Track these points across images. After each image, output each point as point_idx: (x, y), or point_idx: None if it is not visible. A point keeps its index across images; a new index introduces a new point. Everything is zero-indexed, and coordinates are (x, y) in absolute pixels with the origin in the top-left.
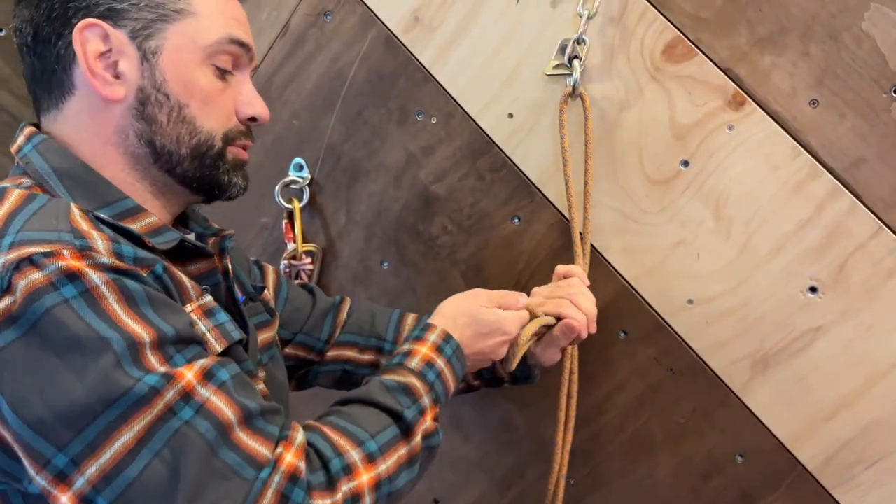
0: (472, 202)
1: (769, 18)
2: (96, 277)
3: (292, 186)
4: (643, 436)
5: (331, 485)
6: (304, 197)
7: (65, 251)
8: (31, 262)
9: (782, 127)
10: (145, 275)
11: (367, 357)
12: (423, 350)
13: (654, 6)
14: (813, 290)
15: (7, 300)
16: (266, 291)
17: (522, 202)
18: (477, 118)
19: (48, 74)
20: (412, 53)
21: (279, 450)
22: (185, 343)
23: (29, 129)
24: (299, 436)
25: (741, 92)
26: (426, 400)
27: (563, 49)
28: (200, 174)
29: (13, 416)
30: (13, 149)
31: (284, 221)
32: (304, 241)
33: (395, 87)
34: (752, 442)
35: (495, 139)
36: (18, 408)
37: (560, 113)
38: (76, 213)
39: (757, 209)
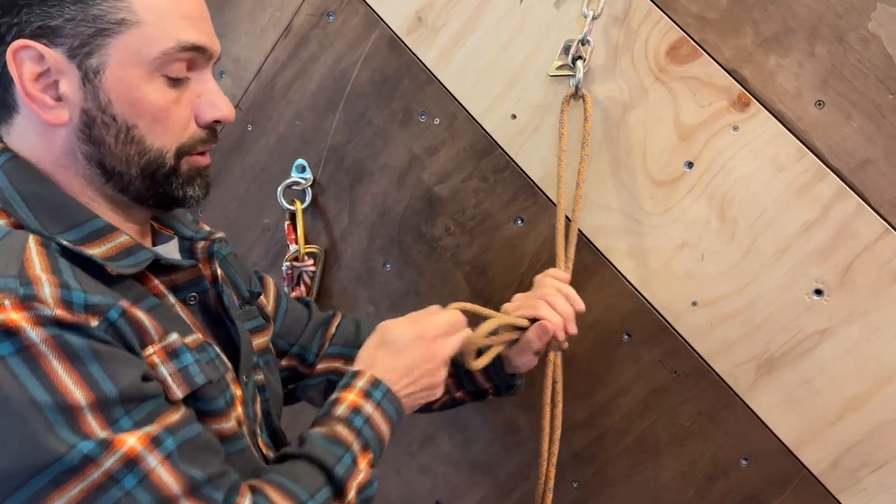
0: (475, 203)
1: (775, 19)
2: (34, 335)
3: (295, 188)
4: (648, 438)
5: None
6: (307, 198)
7: (6, 301)
8: None
9: (788, 128)
10: (96, 324)
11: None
12: (350, 397)
13: (658, 7)
14: (819, 292)
15: None
16: (262, 297)
17: (526, 203)
18: (480, 119)
19: None
20: (415, 54)
21: None
22: (134, 401)
23: None
24: (246, 501)
25: (746, 93)
26: (356, 447)
27: (566, 50)
28: (153, 192)
29: None
30: None
31: (287, 223)
32: (307, 242)
33: (398, 88)
34: (757, 445)
35: (499, 140)
36: None
37: (561, 113)
38: (32, 250)
39: (762, 211)
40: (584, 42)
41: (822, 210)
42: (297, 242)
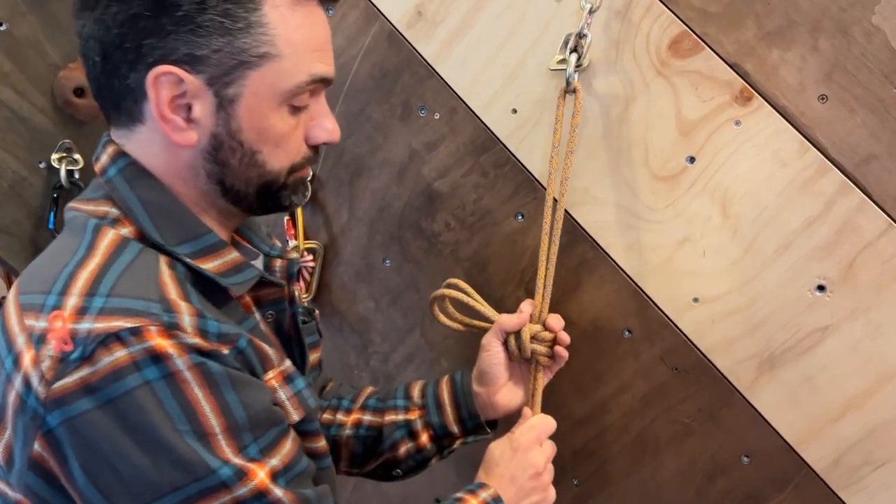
0: (475, 199)
1: (777, 12)
2: (180, 362)
3: None
4: (648, 436)
5: None
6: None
7: (152, 328)
8: (117, 338)
9: (790, 123)
10: (227, 351)
11: (324, 416)
12: (474, 502)
13: (660, 0)
14: (821, 288)
15: (87, 370)
16: (316, 311)
17: (526, 199)
18: (480, 114)
19: (116, 97)
20: (415, 48)
21: None
22: (261, 428)
23: (113, 149)
24: None
25: (748, 87)
26: None
27: (567, 44)
28: (264, 205)
29: (84, 479)
30: (97, 167)
31: (286, 218)
32: (306, 237)
33: (397, 82)
34: (758, 442)
35: (499, 135)
36: (89, 473)
37: (557, 108)
38: (165, 273)
39: (764, 206)
40: (581, 36)
41: (825, 206)
42: (296, 238)
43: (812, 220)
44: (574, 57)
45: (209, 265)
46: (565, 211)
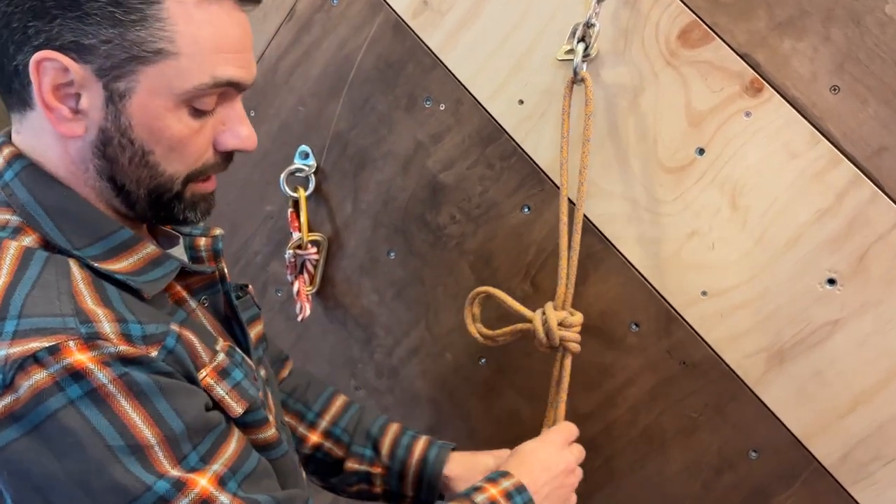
0: (480, 191)
1: (789, 2)
2: (103, 375)
3: (298, 174)
4: (655, 430)
5: None
6: (310, 185)
7: (70, 343)
8: (35, 359)
9: (801, 114)
10: (156, 353)
11: (287, 419)
12: (493, 491)
13: None
14: (831, 281)
15: (8, 398)
16: (250, 286)
17: (532, 191)
18: (486, 105)
19: (7, 79)
20: (420, 38)
21: None
22: (199, 433)
23: (8, 151)
24: None
25: (759, 78)
26: None
27: (575, 33)
28: (155, 212)
29: None
30: None
31: (290, 210)
32: (310, 230)
33: (402, 73)
34: (766, 437)
35: (505, 126)
36: None
37: (564, 98)
38: (77, 279)
39: (774, 198)
40: (589, 25)
41: (836, 198)
42: (300, 230)
43: (823, 213)
44: (582, 47)
45: (120, 265)
46: (571, 202)
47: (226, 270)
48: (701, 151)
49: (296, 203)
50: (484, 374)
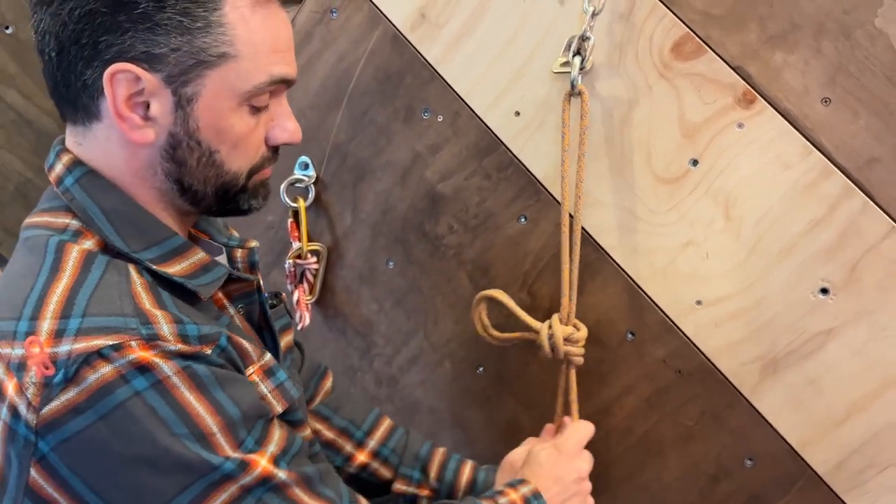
0: (478, 201)
1: (781, 15)
2: (167, 367)
3: (298, 185)
4: (651, 438)
5: None
6: (310, 196)
7: (133, 342)
8: (100, 355)
9: (793, 125)
10: (210, 352)
11: (331, 435)
12: (514, 496)
13: (663, 3)
14: (825, 291)
15: (73, 391)
16: (283, 293)
17: (529, 201)
18: (484, 116)
19: (73, 94)
20: (418, 51)
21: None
22: (252, 420)
23: (68, 158)
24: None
25: (751, 90)
26: None
27: (570, 46)
28: (222, 207)
29: (93, 497)
30: (51, 177)
31: (290, 220)
32: (310, 240)
33: (401, 85)
34: (761, 445)
35: (502, 138)
36: (96, 491)
37: (563, 111)
38: (137, 283)
39: (767, 209)
40: (584, 38)
41: (829, 208)
42: (300, 240)
43: (815, 223)
44: (577, 60)
45: (175, 268)
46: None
47: (261, 282)
48: (695, 162)
49: (296, 213)
50: (482, 383)
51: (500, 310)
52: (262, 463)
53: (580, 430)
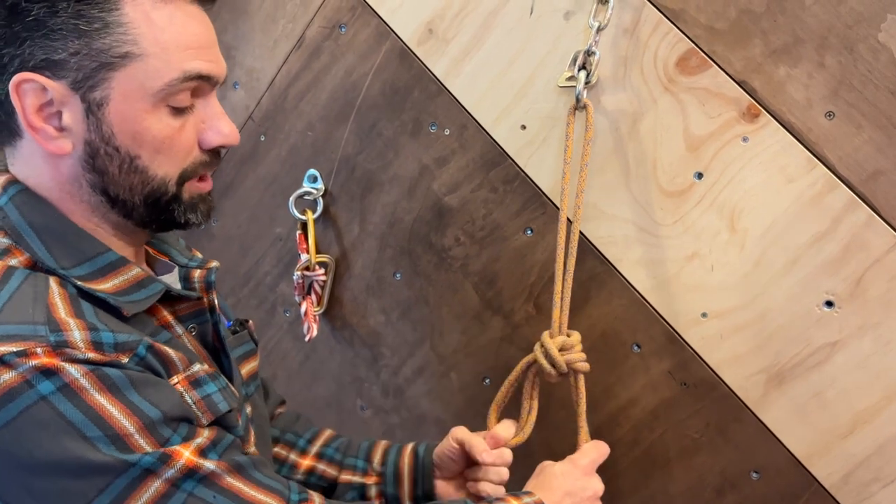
0: (484, 213)
1: (784, 29)
2: (73, 370)
3: (306, 198)
4: (657, 451)
5: None
6: (318, 208)
7: (38, 349)
8: (2, 362)
9: (797, 139)
10: (126, 360)
11: (276, 449)
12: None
13: (667, 18)
14: (829, 304)
15: None
16: (250, 323)
17: (535, 214)
18: (490, 130)
19: None
20: (426, 65)
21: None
22: (177, 421)
23: (4, 178)
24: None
25: (756, 104)
26: None
27: (575, 61)
28: (155, 218)
29: None
30: None
31: (298, 232)
32: (318, 251)
33: (408, 99)
34: (767, 458)
35: (508, 151)
36: (9, 500)
37: (567, 125)
38: (55, 292)
39: (772, 222)
40: (589, 53)
41: (833, 221)
42: (308, 252)
43: (820, 236)
44: (583, 74)
45: (106, 285)
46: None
47: (216, 302)
48: (699, 175)
49: (304, 225)
50: (489, 394)
51: (499, 328)
52: (185, 454)
53: (597, 450)
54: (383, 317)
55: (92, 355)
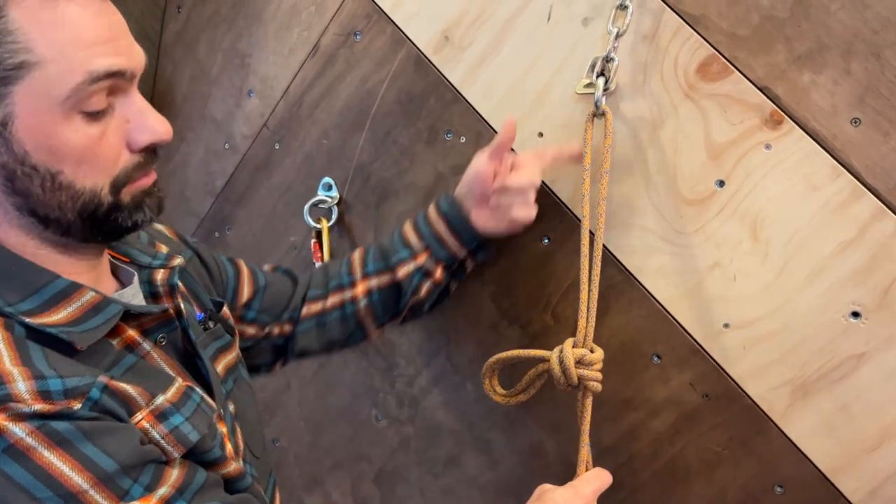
0: None
1: (808, 35)
2: (17, 430)
3: (321, 206)
4: (677, 464)
5: None
6: (333, 216)
7: None
8: None
9: (822, 146)
10: (78, 406)
11: (332, 301)
12: None
13: (688, 24)
14: (856, 314)
15: None
16: (224, 308)
17: (552, 222)
18: None
19: None
20: (442, 73)
21: None
22: (137, 468)
23: None
24: None
25: (779, 110)
26: None
27: (593, 67)
28: (98, 230)
29: None
30: None
31: (313, 241)
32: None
33: (424, 106)
34: (791, 472)
35: None
36: None
37: (585, 132)
38: None
39: (796, 231)
40: (608, 59)
41: (859, 230)
42: (322, 260)
43: (846, 245)
44: (601, 80)
45: (56, 316)
46: (593, 234)
47: (182, 307)
48: (721, 183)
49: (319, 234)
50: (506, 406)
51: (515, 339)
52: None
53: (600, 479)
54: (398, 326)
55: (39, 407)
